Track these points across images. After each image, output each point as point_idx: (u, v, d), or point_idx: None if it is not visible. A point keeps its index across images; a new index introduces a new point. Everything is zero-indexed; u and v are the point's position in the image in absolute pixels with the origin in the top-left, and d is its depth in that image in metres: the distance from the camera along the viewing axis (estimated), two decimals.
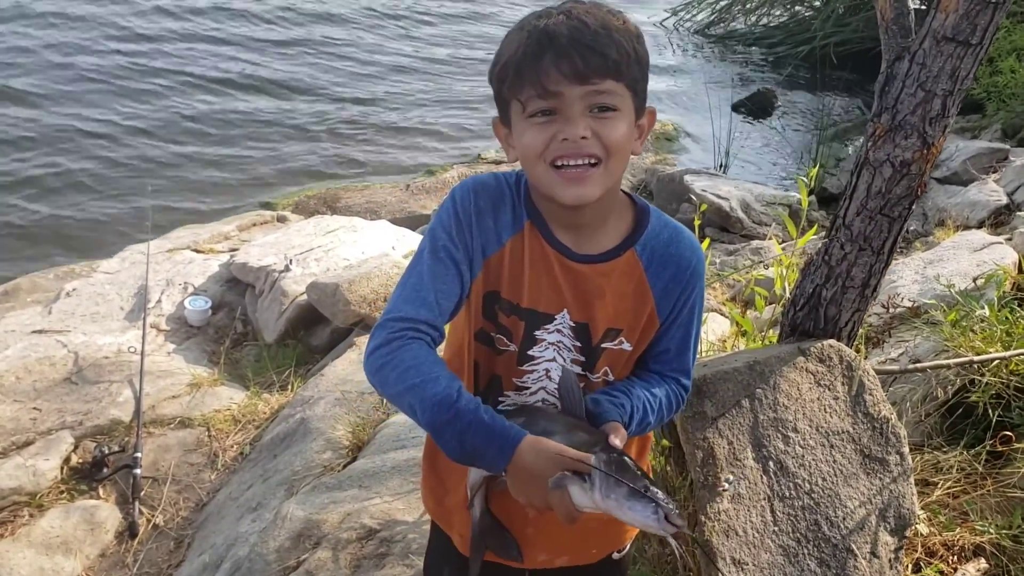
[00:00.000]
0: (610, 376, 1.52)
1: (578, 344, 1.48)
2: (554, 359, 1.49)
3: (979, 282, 3.86)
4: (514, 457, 1.27)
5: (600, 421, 1.38)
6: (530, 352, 1.49)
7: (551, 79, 1.28)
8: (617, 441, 1.31)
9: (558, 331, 1.47)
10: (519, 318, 1.46)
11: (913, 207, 2.31)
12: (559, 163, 1.32)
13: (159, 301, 5.33)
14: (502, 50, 1.36)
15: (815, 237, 3.99)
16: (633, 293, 1.47)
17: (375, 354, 1.36)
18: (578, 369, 1.50)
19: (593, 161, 1.32)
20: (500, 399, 1.53)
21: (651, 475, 1.34)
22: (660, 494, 1.22)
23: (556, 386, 1.48)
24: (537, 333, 1.47)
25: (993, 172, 7.13)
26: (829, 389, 2.33)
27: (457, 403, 1.29)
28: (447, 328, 1.48)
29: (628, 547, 1.75)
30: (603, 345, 1.49)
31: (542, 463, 1.26)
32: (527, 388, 1.51)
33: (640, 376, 1.54)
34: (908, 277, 4.31)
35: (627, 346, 1.50)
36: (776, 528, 2.18)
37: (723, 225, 6.84)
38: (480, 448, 1.29)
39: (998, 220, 6.07)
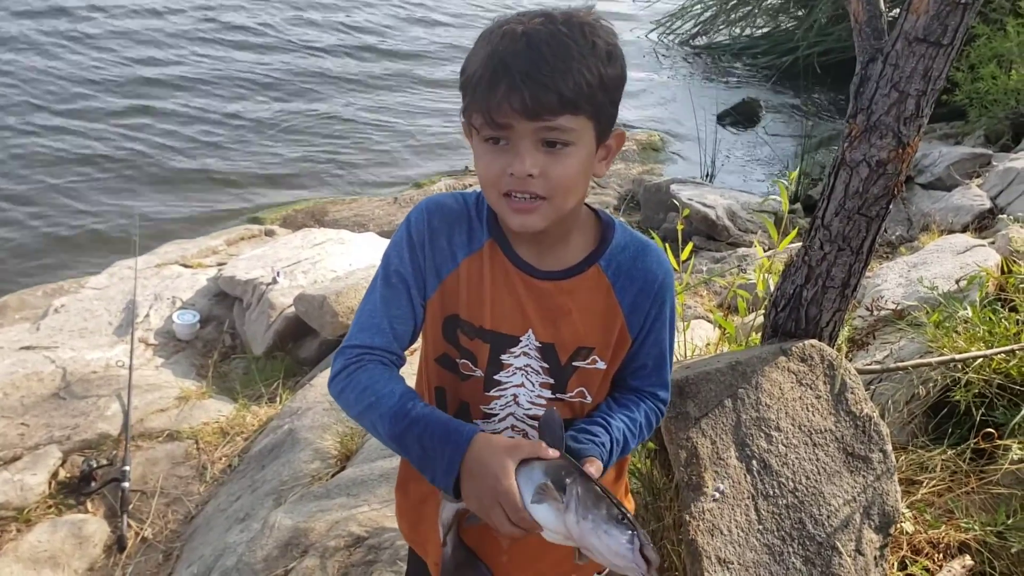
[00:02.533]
0: (587, 396, 1.48)
1: (545, 365, 1.44)
2: (522, 384, 1.46)
3: (962, 284, 3.89)
4: (468, 451, 1.27)
5: (578, 457, 1.34)
6: (496, 377, 1.45)
7: (501, 112, 1.24)
8: (592, 470, 1.29)
9: (524, 354, 1.44)
10: (483, 340, 1.43)
11: (890, 206, 2.34)
12: (509, 193, 1.31)
13: (147, 316, 5.34)
14: (468, 60, 1.33)
15: (797, 241, 4.01)
16: (601, 310, 1.44)
17: (334, 381, 1.41)
18: (547, 393, 1.47)
19: (539, 197, 1.30)
20: None
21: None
22: (640, 529, 1.19)
23: (524, 411, 1.46)
24: (503, 357, 1.44)
25: (976, 177, 7.20)
26: (811, 388, 2.35)
27: (412, 411, 1.32)
28: (411, 352, 1.49)
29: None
30: (574, 363, 1.45)
31: (491, 452, 1.25)
32: (495, 415, 1.47)
33: (618, 399, 1.52)
34: (892, 280, 4.34)
35: (601, 364, 1.46)
36: (761, 527, 2.20)
37: (710, 233, 6.88)
38: (438, 448, 1.29)
39: (982, 224, 6.12)
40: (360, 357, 1.39)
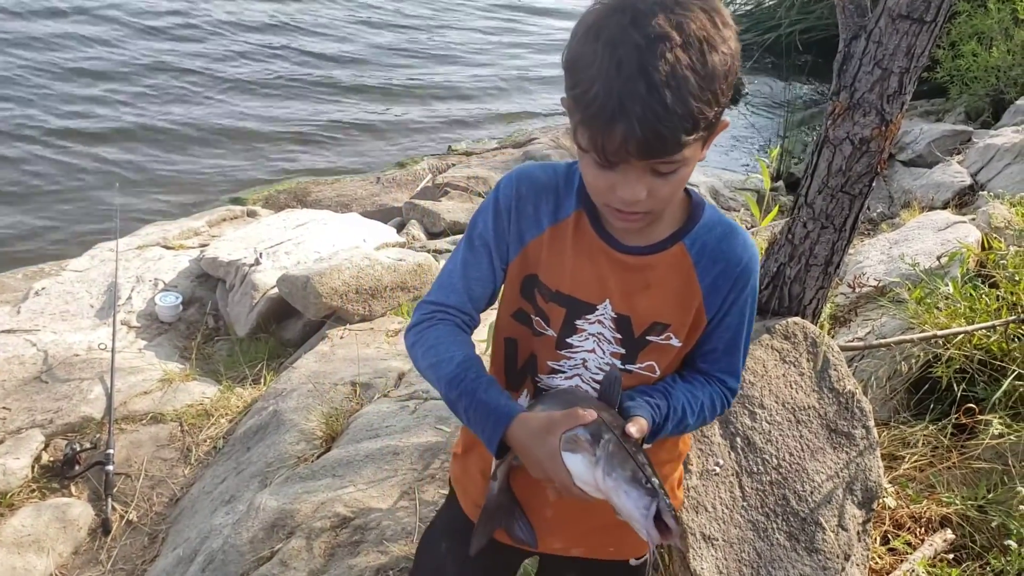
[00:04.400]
0: (656, 371, 1.49)
1: (619, 336, 1.46)
2: (593, 350, 1.48)
3: (943, 261, 3.92)
4: (507, 434, 1.33)
5: (627, 416, 1.35)
6: (569, 340, 1.48)
7: (617, 154, 1.20)
8: (634, 430, 1.29)
9: (599, 322, 1.45)
10: (559, 304, 1.46)
11: (873, 184, 2.35)
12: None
13: (129, 298, 5.30)
14: (579, 59, 1.22)
15: (779, 219, 4.03)
16: (680, 287, 1.44)
17: (409, 334, 1.49)
18: (617, 362, 1.48)
19: (646, 211, 1.31)
20: (536, 379, 1.53)
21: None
22: (663, 492, 1.18)
23: (592, 375, 1.49)
24: (578, 322, 1.46)
25: (957, 154, 7.23)
26: (794, 365, 2.36)
27: (464, 382, 1.38)
28: (490, 313, 1.55)
29: (648, 556, 1.73)
30: (648, 338, 1.46)
31: (532, 437, 1.30)
32: (562, 372, 1.51)
33: (685, 377, 1.52)
34: (874, 258, 4.36)
35: (676, 342, 1.47)
36: (745, 503, 2.21)
37: None
38: (480, 425, 1.36)
39: (962, 200, 6.16)
40: (433, 314, 1.48)
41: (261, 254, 5.21)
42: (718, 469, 2.21)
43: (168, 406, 4.11)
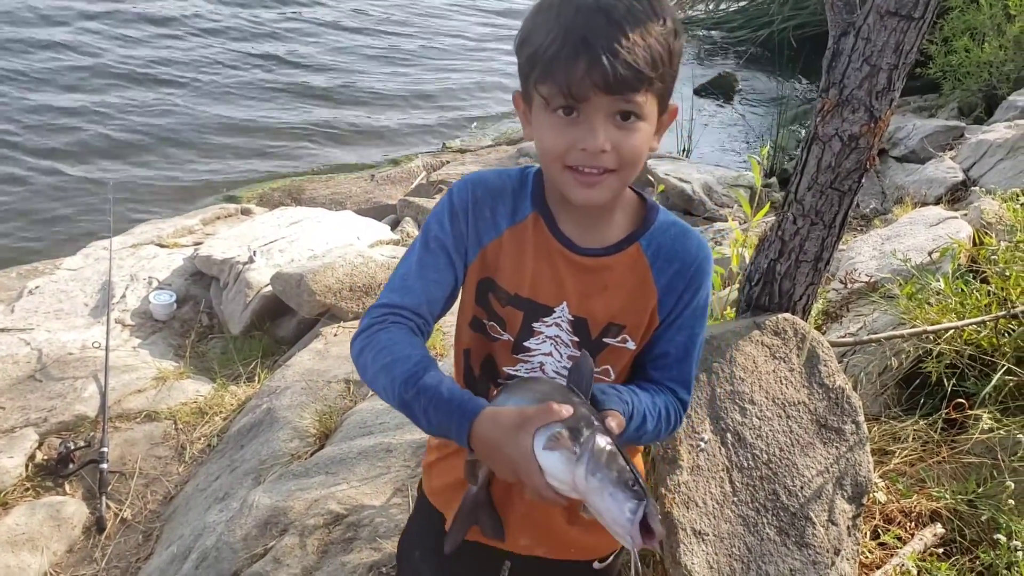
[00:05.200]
0: (611, 375, 1.49)
1: (575, 339, 1.45)
2: (550, 353, 1.47)
3: (935, 256, 3.93)
4: (472, 430, 1.24)
5: (603, 410, 1.30)
6: (526, 344, 1.46)
7: (582, 87, 1.24)
8: (613, 425, 1.23)
9: (556, 324, 1.45)
10: (516, 308, 1.44)
11: (863, 180, 2.36)
12: (575, 166, 1.30)
13: (123, 296, 5.30)
14: (531, 31, 1.30)
15: (771, 215, 4.03)
16: (637, 288, 1.44)
17: (357, 340, 1.38)
18: None
19: (607, 170, 1.31)
20: (497, 385, 1.51)
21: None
22: (649, 497, 1.13)
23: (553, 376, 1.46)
24: (535, 325, 1.45)
25: (950, 150, 7.24)
26: (784, 361, 2.37)
27: (421, 380, 1.29)
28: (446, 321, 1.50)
29: (611, 559, 1.70)
30: (604, 340, 1.46)
31: (500, 432, 1.22)
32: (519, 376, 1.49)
33: (640, 384, 1.48)
34: (866, 253, 4.37)
35: (631, 344, 1.46)
36: (735, 498, 2.22)
37: (686, 208, 6.90)
38: (444, 423, 1.27)
39: (955, 196, 6.17)
40: (385, 317, 1.38)
41: (255, 252, 5.21)
42: (703, 445, 2.21)
43: (162, 404, 4.12)
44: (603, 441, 1.17)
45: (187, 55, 10.23)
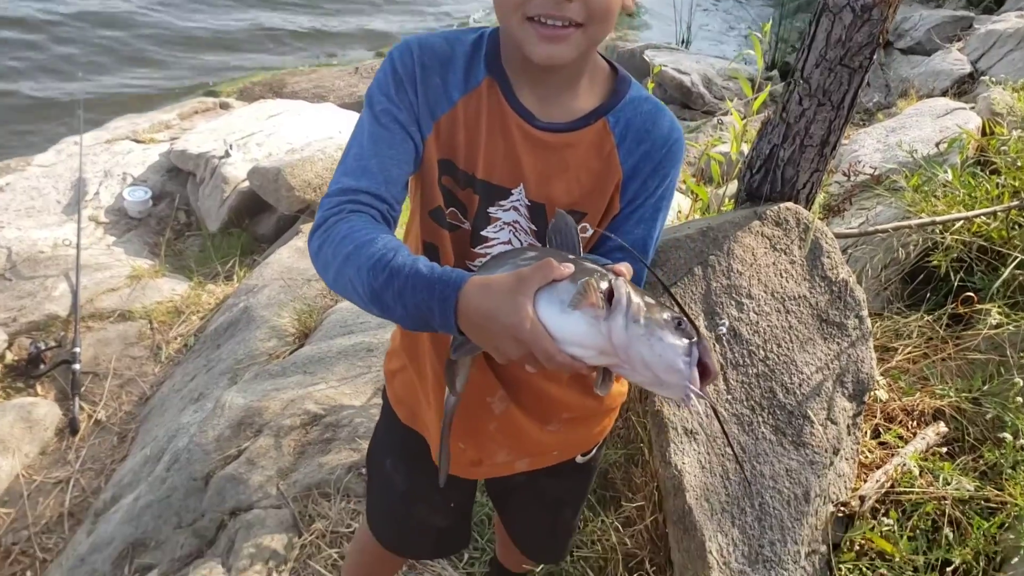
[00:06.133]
0: None
1: (534, 228, 1.29)
2: (508, 242, 1.31)
3: (942, 147, 3.75)
4: (460, 304, 1.04)
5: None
6: (484, 232, 1.30)
7: None
8: (625, 273, 1.05)
9: (514, 208, 1.28)
10: (473, 191, 1.27)
11: (875, 57, 2.16)
12: (537, 17, 1.13)
13: (97, 193, 5.10)
14: None
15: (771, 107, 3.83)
16: (600, 170, 1.27)
17: (314, 237, 1.18)
18: None
19: (574, 24, 1.14)
20: None
21: None
22: (701, 333, 0.97)
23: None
24: (491, 210, 1.28)
25: (957, 41, 6.97)
26: (785, 253, 2.22)
27: (392, 261, 1.08)
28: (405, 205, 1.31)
29: (595, 450, 1.61)
30: None
31: (494, 300, 1.01)
32: None
33: None
34: (870, 146, 4.20)
35: (590, 232, 1.30)
36: (729, 396, 2.10)
37: (684, 101, 6.67)
38: (424, 304, 1.06)
39: (962, 89, 5.94)
40: (341, 207, 1.17)
41: (231, 146, 5.00)
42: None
43: (137, 303, 3.98)
44: (630, 287, 1.00)
45: None
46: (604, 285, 0.99)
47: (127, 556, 2.47)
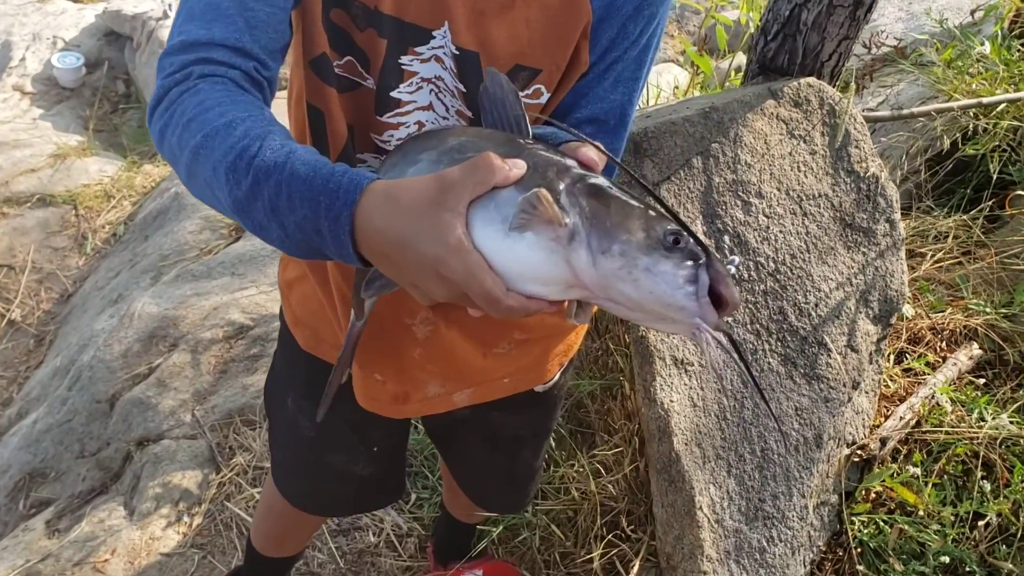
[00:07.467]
0: None
1: (463, 89, 0.92)
2: (429, 106, 0.92)
3: (977, 16, 3.28)
4: (356, 222, 0.70)
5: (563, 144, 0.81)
6: (394, 94, 0.92)
7: None
8: (593, 156, 0.75)
9: (436, 59, 0.90)
10: (378, 33, 0.89)
11: None
12: None
13: (23, 59, 4.57)
14: None
15: None
16: (560, 8, 0.90)
17: (154, 117, 0.80)
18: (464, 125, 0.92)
19: None
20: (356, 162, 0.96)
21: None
22: (709, 250, 0.68)
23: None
24: (404, 60, 0.90)
25: None
26: (805, 141, 1.79)
27: (257, 157, 0.72)
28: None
29: (559, 374, 1.25)
30: None
31: (406, 217, 0.68)
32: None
33: None
34: (891, 14, 3.74)
35: (546, 97, 0.94)
36: (730, 319, 1.71)
37: None
38: (308, 224, 0.72)
39: None
40: (187, 71, 0.78)
41: (169, 5, 4.45)
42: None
43: (60, 186, 3.54)
44: (597, 192, 0.70)
45: None
46: (565, 183, 0.69)
47: (23, 488, 2.13)
